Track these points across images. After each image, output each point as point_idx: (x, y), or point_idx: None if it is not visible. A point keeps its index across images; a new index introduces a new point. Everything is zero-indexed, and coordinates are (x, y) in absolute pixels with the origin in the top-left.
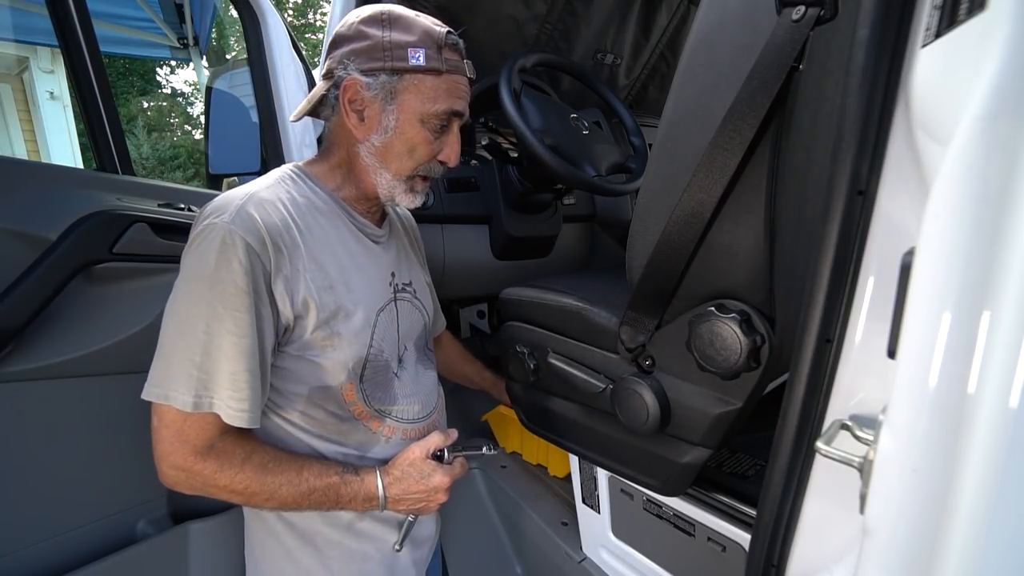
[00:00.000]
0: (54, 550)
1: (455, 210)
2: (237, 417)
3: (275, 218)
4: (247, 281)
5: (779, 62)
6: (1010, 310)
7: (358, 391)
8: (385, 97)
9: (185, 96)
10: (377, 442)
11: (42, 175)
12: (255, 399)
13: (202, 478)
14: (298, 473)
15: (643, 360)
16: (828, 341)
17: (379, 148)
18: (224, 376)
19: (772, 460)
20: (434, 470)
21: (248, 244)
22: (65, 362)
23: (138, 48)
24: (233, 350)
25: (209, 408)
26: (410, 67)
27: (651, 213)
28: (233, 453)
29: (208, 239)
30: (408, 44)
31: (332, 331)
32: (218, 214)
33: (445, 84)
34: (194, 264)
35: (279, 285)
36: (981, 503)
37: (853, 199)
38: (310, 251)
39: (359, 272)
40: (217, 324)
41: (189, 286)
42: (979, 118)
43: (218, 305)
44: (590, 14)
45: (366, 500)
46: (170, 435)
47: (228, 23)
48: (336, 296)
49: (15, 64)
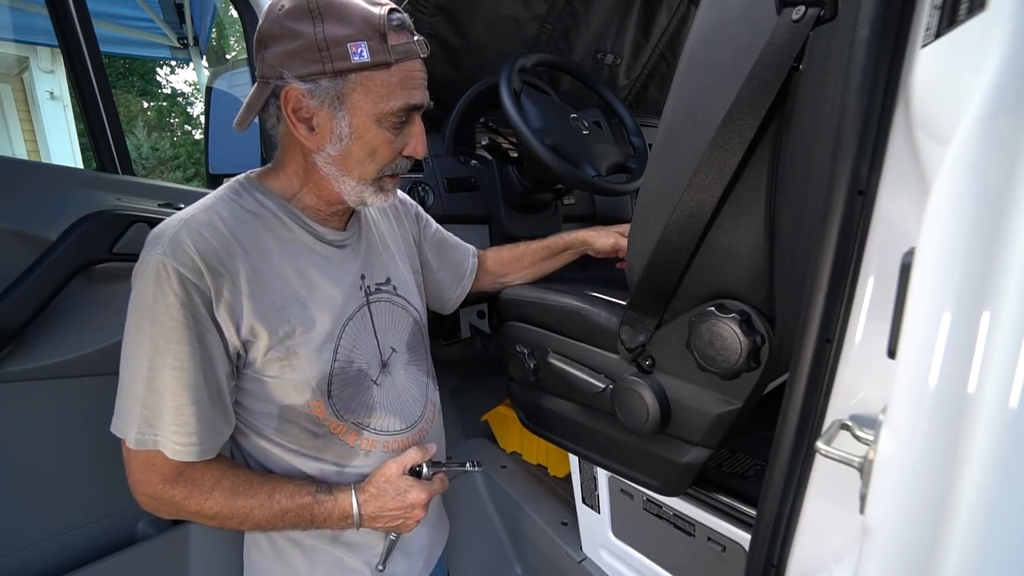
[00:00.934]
0: (54, 550)
1: (455, 210)
2: (182, 452)
3: (212, 241)
4: (184, 313)
5: (779, 62)
6: (1010, 310)
7: (327, 407)
8: (332, 103)
9: (185, 96)
10: (355, 456)
11: (42, 175)
12: (204, 431)
13: (173, 504)
14: (269, 496)
15: (643, 360)
16: (828, 341)
17: (336, 157)
18: (167, 411)
19: (772, 460)
20: (411, 486)
21: (181, 274)
22: (65, 362)
23: (138, 48)
24: (175, 383)
25: (154, 446)
26: (354, 65)
27: (651, 213)
28: (201, 479)
29: (144, 274)
30: (346, 39)
31: (288, 350)
32: (152, 246)
33: (396, 77)
34: (134, 300)
35: (222, 311)
36: (981, 503)
37: (853, 199)
38: (256, 271)
39: (314, 286)
40: (159, 358)
41: (132, 322)
42: (979, 118)
43: (159, 339)
44: (590, 14)
45: (340, 519)
46: (137, 465)
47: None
48: (287, 315)
49: (15, 64)
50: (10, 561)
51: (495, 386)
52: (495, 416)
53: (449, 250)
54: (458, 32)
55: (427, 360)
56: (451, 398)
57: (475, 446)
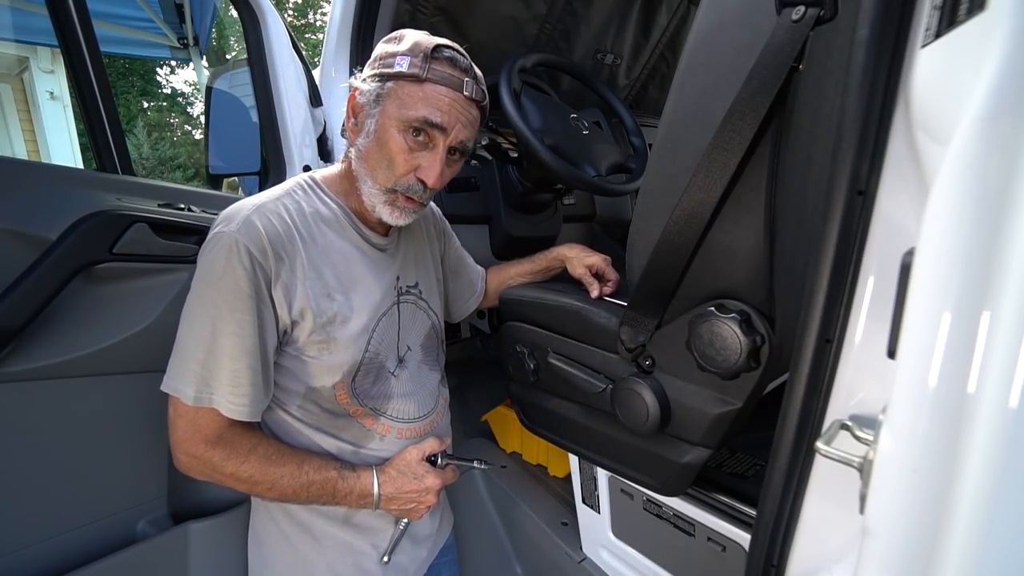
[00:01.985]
0: (54, 550)
1: (455, 210)
2: (236, 411)
3: (279, 228)
4: (250, 286)
5: (779, 62)
6: (1010, 310)
7: (349, 390)
8: (372, 102)
9: (185, 96)
10: (371, 439)
11: (42, 175)
12: (256, 395)
13: (211, 465)
14: (299, 466)
15: (643, 360)
16: (828, 341)
17: (363, 153)
18: (225, 373)
19: (772, 460)
20: (427, 471)
21: (251, 252)
22: (65, 362)
23: (138, 48)
24: (235, 349)
25: (208, 404)
26: (393, 72)
27: (651, 213)
28: (240, 444)
29: (217, 247)
30: (398, 53)
31: (328, 336)
32: (227, 223)
33: (423, 92)
34: (204, 269)
35: (278, 291)
36: (981, 503)
37: (853, 199)
38: (311, 260)
39: (359, 281)
40: (222, 324)
41: (199, 289)
42: (979, 118)
43: (223, 307)
44: (590, 14)
45: (360, 496)
46: (184, 424)
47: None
48: (333, 303)
49: (15, 64)
50: (10, 561)
51: (495, 386)
52: (495, 416)
53: (465, 269)
54: (458, 32)
55: (440, 361)
56: (451, 398)
57: (475, 446)
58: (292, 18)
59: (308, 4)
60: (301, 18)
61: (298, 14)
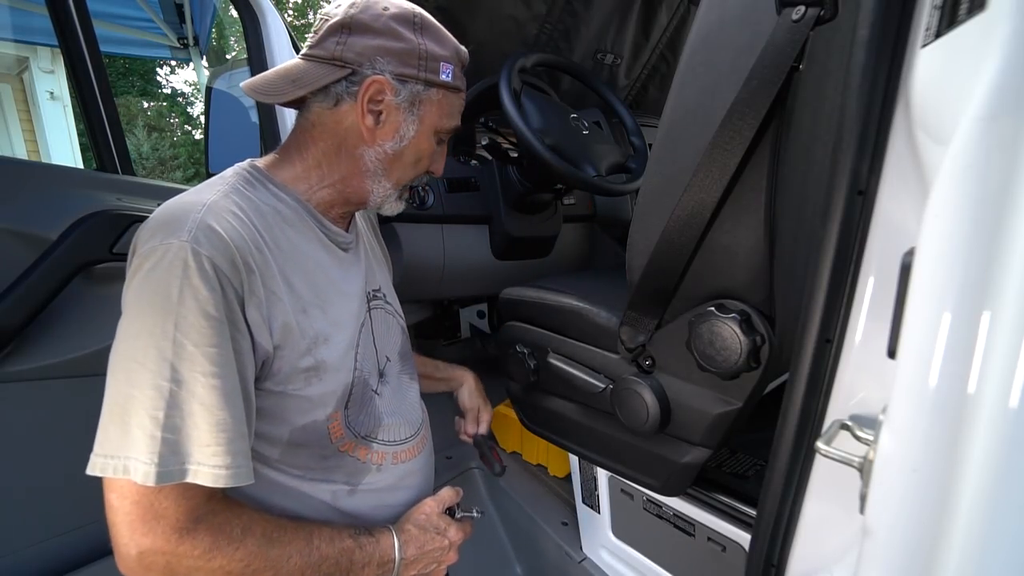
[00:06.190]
0: (54, 550)
1: (455, 210)
2: (226, 476)
3: (243, 233)
4: (219, 310)
5: (779, 62)
6: (1010, 310)
7: (343, 420)
8: (409, 106)
9: (185, 96)
10: (367, 472)
11: (42, 175)
12: (246, 449)
13: (189, 561)
14: (307, 541)
15: (643, 360)
16: (828, 341)
17: (389, 155)
18: (203, 430)
19: (772, 460)
20: (449, 524)
21: (216, 265)
22: (65, 362)
23: (138, 48)
24: (211, 394)
25: (180, 478)
26: (440, 82)
27: (651, 213)
28: (228, 524)
29: (164, 262)
30: (442, 58)
31: (316, 360)
32: (170, 232)
33: (458, 103)
34: (147, 297)
35: (253, 311)
36: (981, 503)
37: (853, 199)
38: (281, 270)
39: (334, 289)
40: (187, 366)
41: (143, 323)
42: (979, 118)
43: (186, 342)
44: (590, 14)
45: (380, 565)
46: (137, 512)
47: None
48: (311, 320)
49: (15, 64)
50: (10, 561)
51: (495, 386)
52: (495, 416)
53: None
54: (458, 32)
55: (415, 370)
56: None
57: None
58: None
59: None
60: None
61: (298, 14)
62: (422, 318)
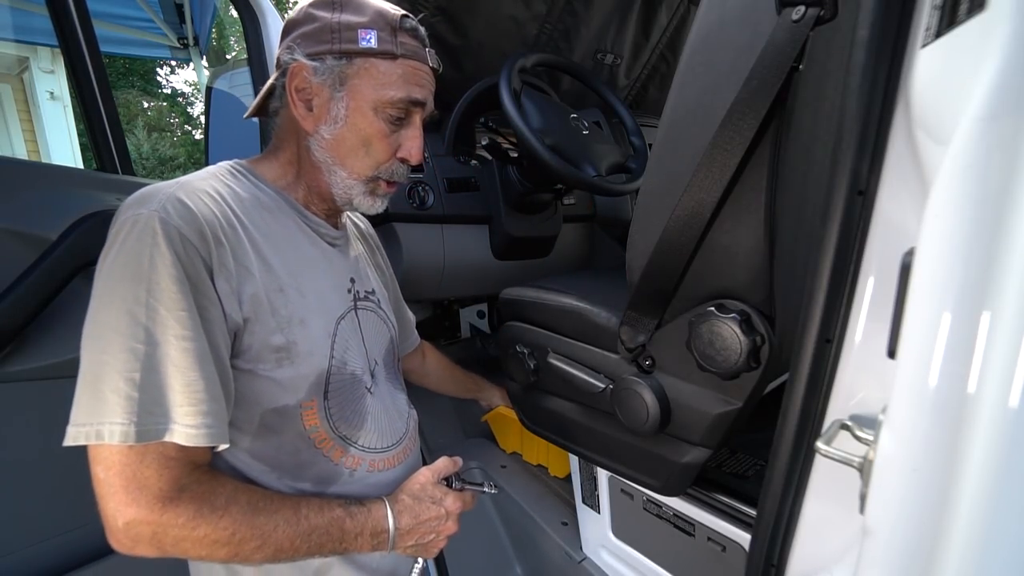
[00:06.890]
0: (54, 550)
1: (455, 210)
2: (199, 435)
3: (214, 209)
4: (187, 275)
5: (779, 62)
6: (1010, 310)
7: (321, 410)
8: (334, 83)
9: (185, 96)
10: (338, 477)
11: (42, 175)
12: (219, 411)
13: (175, 531)
14: (295, 510)
15: (643, 360)
16: (828, 341)
17: (330, 141)
18: (176, 389)
19: (772, 460)
20: (446, 494)
21: (183, 234)
22: (65, 362)
23: (138, 48)
24: (183, 356)
25: (157, 436)
26: (360, 49)
27: (651, 213)
28: (213, 493)
29: (134, 233)
30: (359, 25)
31: (288, 339)
32: (140, 204)
33: (400, 69)
34: (119, 262)
35: (222, 282)
36: (981, 503)
37: (853, 199)
38: (256, 249)
39: (313, 276)
40: (159, 329)
41: (116, 291)
42: (979, 118)
43: (158, 306)
44: (590, 14)
45: (374, 535)
46: (122, 482)
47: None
48: (288, 299)
49: (15, 64)
50: (10, 561)
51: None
52: (495, 416)
53: (403, 311)
54: (458, 32)
55: (400, 378)
56: (451, 399)
57: (475, 446)
58: None
59: None
60: None
61: None
62: (422, 318)
